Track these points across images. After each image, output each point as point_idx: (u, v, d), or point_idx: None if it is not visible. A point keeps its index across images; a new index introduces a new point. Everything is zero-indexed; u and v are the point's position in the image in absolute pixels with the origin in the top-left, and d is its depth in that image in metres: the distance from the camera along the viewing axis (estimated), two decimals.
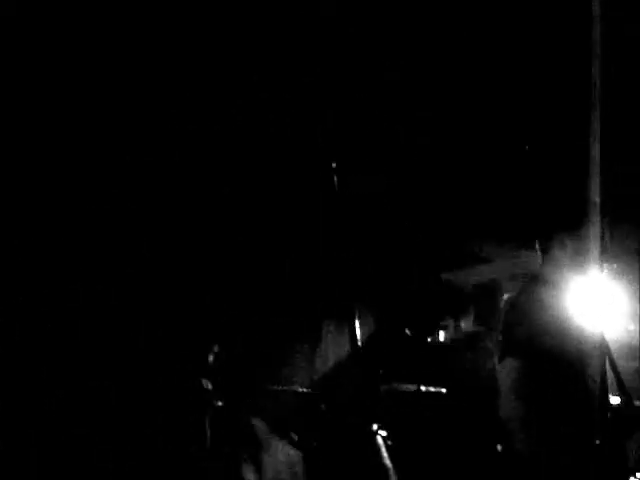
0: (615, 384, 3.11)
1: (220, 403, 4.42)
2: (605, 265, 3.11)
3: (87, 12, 3.67)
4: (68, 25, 3.74)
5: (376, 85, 4.15)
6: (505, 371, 2.96)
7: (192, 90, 4.25)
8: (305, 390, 4.52)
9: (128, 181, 4.23)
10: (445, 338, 6.39)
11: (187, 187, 4.60)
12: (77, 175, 4.02)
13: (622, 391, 3.11)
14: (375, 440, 3.96)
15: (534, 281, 3.24)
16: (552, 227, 3.23)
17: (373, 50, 4.04)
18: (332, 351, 5.70)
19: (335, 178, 3.04)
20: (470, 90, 4.24)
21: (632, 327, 6.02)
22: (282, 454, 4.11)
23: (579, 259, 3.11)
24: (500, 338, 3.16)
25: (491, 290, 6.75)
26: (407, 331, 5.46)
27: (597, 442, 2.86)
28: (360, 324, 3.77)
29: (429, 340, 6.14)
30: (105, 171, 4.10)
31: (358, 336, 3.38)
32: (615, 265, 3.25)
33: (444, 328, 6.39)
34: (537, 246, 3.28)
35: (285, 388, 4.94)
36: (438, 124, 4.41)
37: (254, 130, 4.35)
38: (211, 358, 4.57)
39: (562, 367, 2.98)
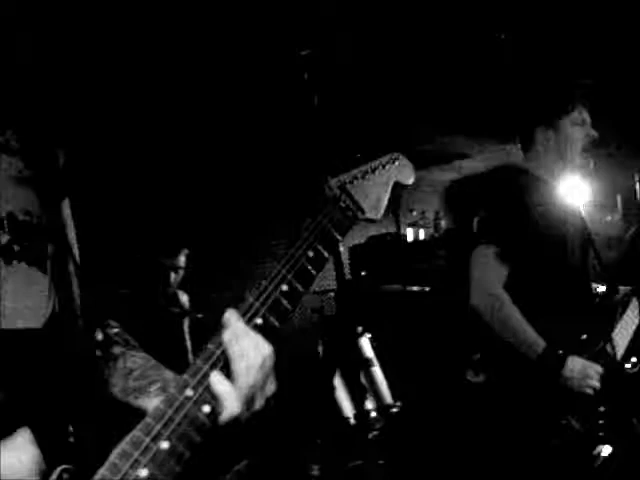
0: (600, 273, 3.12)
1: (200, 315, 4.40)
2: (585, 159, 3.08)
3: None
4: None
5: None
6: (479, 257, 2.93)
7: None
8: None
9: None
10: (425, 236, 6.40)
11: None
12: None
13: (607, 279, 3.12)
14: (361, 342, 4.00)
15: (518, 174, 3.18)
16: (533, 121, 3.16)
17: None
18: None
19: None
20: None
21: (609, 218, 6.07)
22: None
23: (561, 153, 3.06)
24: (477, 232, 3.11)
25: (470, 186, 6.73)
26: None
27: (584, 336, 2.90)
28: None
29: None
30: None
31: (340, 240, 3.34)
32: (593, 161, 3.20)
33: (424, 227, 6.38)
34: (518, 142, 3.21)
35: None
36: (412, 16, 4.28)
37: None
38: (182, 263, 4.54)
39: (543, 259, 2.96)
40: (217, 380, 1.17)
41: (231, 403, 1.17)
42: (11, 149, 1.19)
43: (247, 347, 1.20)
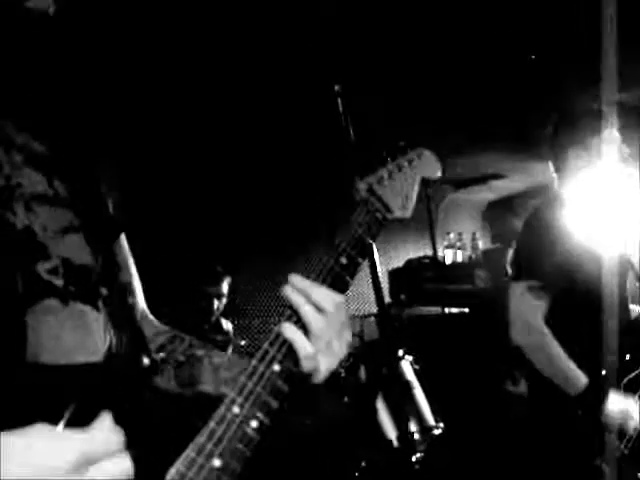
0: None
1: (243, 342, 4.45)
2: (622, 175, 3.08)
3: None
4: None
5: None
6: (518, 292, 2.93)
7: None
8: None
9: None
10: (463, 257, 6.41)
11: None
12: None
13: None
14: (402, 365, 4.01)
15: (550, 198, 3.19)
16: (565, 142, 3.17)
17: None
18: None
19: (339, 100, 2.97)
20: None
21: None
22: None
23: (594, 172, 3.07)
24: (514, 257, 3.11)
25: (507, 207, 6.73)
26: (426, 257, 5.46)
27: (627, 357, 2.89)
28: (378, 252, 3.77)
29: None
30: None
31: (377, 264, 3.37)
32: (633, 173, 3.19)
33: (461, 248, 6.40)
34: (551, 162, 3.22)
35: None
36: (439, 40, 4.32)
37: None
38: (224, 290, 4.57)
39: (580, 285, 2.95)
40: (291, 331, 1.25)
41: (309, 351, 1.25)
42: (61, 200, 1.24)
43: (320, 297, 1.27)
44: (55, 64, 1.37)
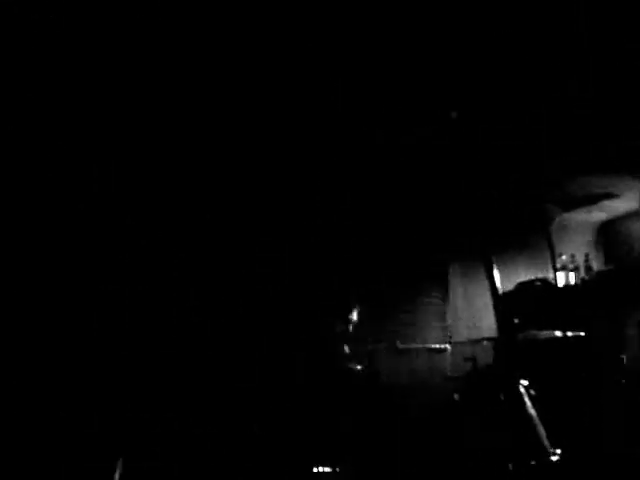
0: None
1: (359, 367, 4.49)
2: None
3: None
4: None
5: None
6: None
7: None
8: (440, 346, 4.55)
9: None
10: (576, 279, 6.29)
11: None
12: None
13: None
14: (518, 390, 3.97)
15: None
16: None
17: None
18: (463, 306, 5.73)
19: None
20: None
21: None
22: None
23: None
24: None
25: (620, 227, 6.57)
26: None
27: None
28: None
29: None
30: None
31: (498, 286, 3.35)
32: None
33: (574, 270, 6.28)
34: None
35: (420, 346, 5.01)
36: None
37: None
38: (351, 320, 4.65)
39: None
40: None
41: None
42: None
43: None
44: None
